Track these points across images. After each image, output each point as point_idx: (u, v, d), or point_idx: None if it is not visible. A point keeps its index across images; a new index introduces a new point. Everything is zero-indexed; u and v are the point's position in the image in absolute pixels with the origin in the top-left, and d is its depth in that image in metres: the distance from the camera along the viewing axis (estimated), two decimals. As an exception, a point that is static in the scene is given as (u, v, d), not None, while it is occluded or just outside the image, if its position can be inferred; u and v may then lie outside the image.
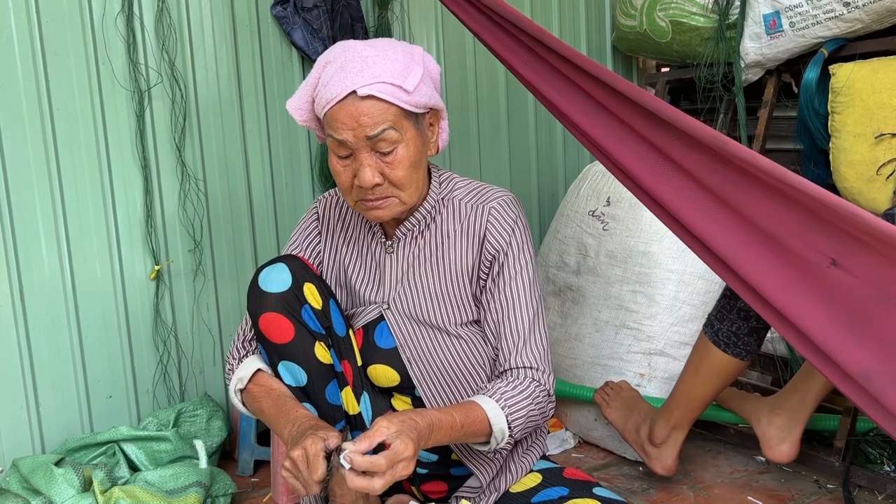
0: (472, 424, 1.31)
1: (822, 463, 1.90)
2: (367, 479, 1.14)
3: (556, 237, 2.40)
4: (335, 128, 1.34)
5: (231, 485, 1.91)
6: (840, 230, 1.15)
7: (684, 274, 2.08)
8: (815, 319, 1.19)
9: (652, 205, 1.43)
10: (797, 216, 1.20)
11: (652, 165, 1.38)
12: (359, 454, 1.14)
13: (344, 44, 1.38)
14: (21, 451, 1.97)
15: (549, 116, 2.85)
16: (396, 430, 1.17)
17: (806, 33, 2.16)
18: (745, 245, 1.27)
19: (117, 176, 2.07)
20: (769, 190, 1.22)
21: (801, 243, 1.20)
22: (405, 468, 1.16)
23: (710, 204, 1.31)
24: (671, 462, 1.85)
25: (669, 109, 1.32)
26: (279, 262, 1.44)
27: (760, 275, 1.26)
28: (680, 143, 1.33)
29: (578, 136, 1.54)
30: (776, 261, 1.24)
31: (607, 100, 1.43)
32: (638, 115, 1.38)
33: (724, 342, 1.70)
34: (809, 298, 1.20)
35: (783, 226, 1.22)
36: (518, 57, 1.61)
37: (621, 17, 2.70)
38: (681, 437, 1.84)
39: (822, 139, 2.17)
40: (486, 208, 1.47)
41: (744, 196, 1.26)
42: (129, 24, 2.03)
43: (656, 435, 1.85)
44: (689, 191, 1.33)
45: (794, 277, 1.22)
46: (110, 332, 2.09)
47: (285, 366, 1.43)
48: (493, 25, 1.65)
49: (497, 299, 1.44)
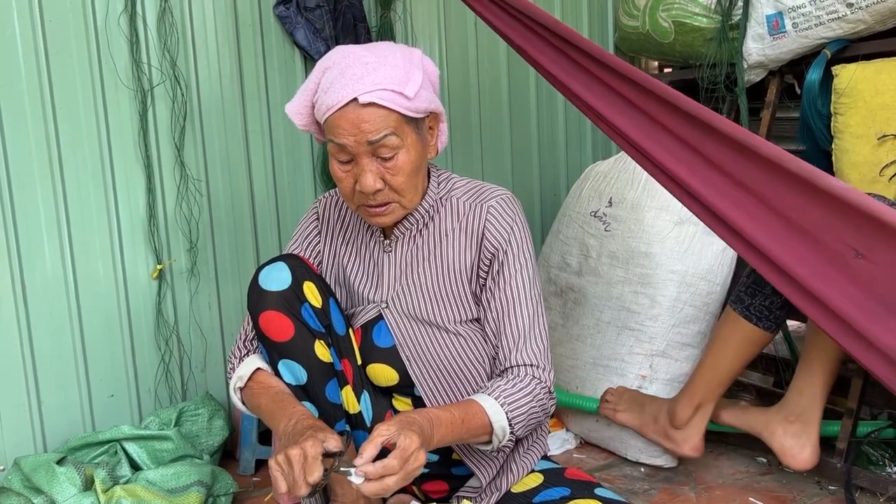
0: (473, 421, 1.31)
1: (824, 464, 1.89)
2: (381, 482, 1.13)
3: (557, 237, 2.40)
4: (336, 134, 1.34)
5: (233, 484, 1.91)
6: (862, 224, 1.23)
7: (686, 275, 2.08)
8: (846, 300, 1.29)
9: (681, 194, 1.51)
10: (821, 210, 1.29)
11: (681, 157, 1.47)
12: (369, 464, 1.13)
13: (343, 49, 1.38)
14: (23, 449, 1.97)
15: (552, 116, 2.86)
16: (396, 429, 1.17)
17: (809, 34, 2.16)
18: (774, 232, 1.36)
19: (120, 175, 2.07)
20: (795, 183, 1.31)
21: (827, 234, 1.29)
22: (416, 461, 1.15)
23: (740, 195, 1.40)
24: (699, 440, 1.86)
25: (700, 107, 1.41)
26: (279, 260, 1.45)
27: (791, 261, 1.35)
28: (710, 139, 1.41)
29: (610, 133, 1.61)
30: (805, 249, 1.33)
31: (638, 97, 1.50)
32: (667, 112, 1.46)
33: (755, 316, 1.75)
34: (837, 282, 1.29)
35: (809, 218, 1.31)
36: (546, 56, 1.67)
37: (624, 18, 2.70)
38: (707, 413, 1.86)
39: (824, 140, 2.16)
40: (485, 207, 1.47)
41: (771, 189, 1.35)
42: (132, 23, 2.04)
43: (679, 416, 1.86)
44: (720, 183, 1.42)
45: (823, 264, 1.31)
46: (112, 330, 2.09)
47: (285, 364, 1.43)
48: (520, 26, 1.70)
49: (497, 298, 1.45)
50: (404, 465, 1.14)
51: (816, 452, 1.77)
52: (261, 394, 1.42)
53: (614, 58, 1.54)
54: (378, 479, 1.13)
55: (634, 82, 1.50)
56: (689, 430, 1.87)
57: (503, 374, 1.43)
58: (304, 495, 1.15)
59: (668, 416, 1.89)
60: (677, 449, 1.89)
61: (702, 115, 1.41)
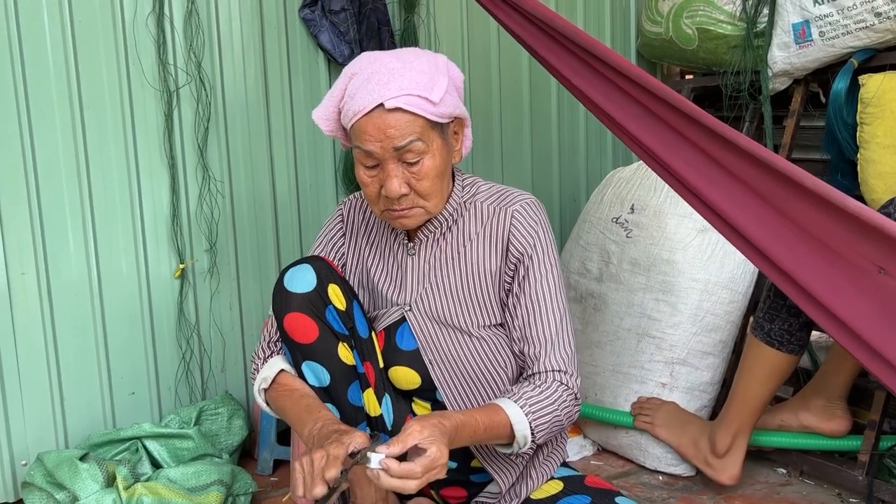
0: (495, 428, 1.31)
1: (846, 476, 1.88)
2: (399, 480, 1.14)
3: (578, 243, 2.39)
4: (362, 139, 1.35)
5: (252, 484, 1.92)
6: (883, 242, 1.23)
7: (708, 283, 2.07)
8: (865, 318, 1.28)
9: (700, 206, 1.51)
10: (843, 227, 1.28)
11: (701, 170, 1.47)
12: (395, 461, 1.14)
13: (369, 55, 1.39)
14: (45, 444, 1.99)
15: (572, 122, 2.85)
16: (429, 435, 1.17)
17: (836, 43, 2.14)
18: (794, 248, 1.36)
19: (145, 175, 2.09)
20: (815, 202, 1.30)
21: (849, 251, 1.29)
22: (438, 473, 1.16)
23: (760, 210, 1.40)
24: (738, 470, 1.87)
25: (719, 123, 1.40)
26: (304, 262, 1.45)
27: (810, 276, 1.35)
28: (730, 154, 1.41)
29: (630, 144, 1.60)
30: (825, 264, 1.32)
31: (658, 108, 1.50)
32: (687, 123, 1.46)
33: (777, 341, 1.77)
34: (858, 299, 1.28)
35: (831, 234, 1.30)
36: (568, 65, 1.66)
37: (647, 24, 2.69)
38: (744, 442, 1.87)
39: (850, 150, 2.15)
40: (509, 211, 1.47)
41: (792, 206, 1.34)
42: (159, 24, 2.06)
43: (718, 446, 1.87)
44: (741, 196, 1.42)
45: (844, 280, 1.30)
46: (134, 329, 2.11)
47: (309, 366, 1.43)
48: (542, 34, 1.70)
49: (523, 303, 1.44)
50: (426, 475, 1.15)
51: (847, 419, 1.88)
52: (285, 396, 1.42)
53: (635, 67, 1.54)
54: (397, 478, 1.14)
55: (654, 94, 1.50)
56: (729, 459, 1.87)
57: (529, 379, 1.43)
58: (318, 495, 1.14)
59: (709, 443, 1.90)
60: (715, 477, 1.90)
61: (721, 129, 1.41)
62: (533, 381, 1.40)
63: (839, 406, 1.90)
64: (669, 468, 2.03)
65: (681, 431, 1.96)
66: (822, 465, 1.94)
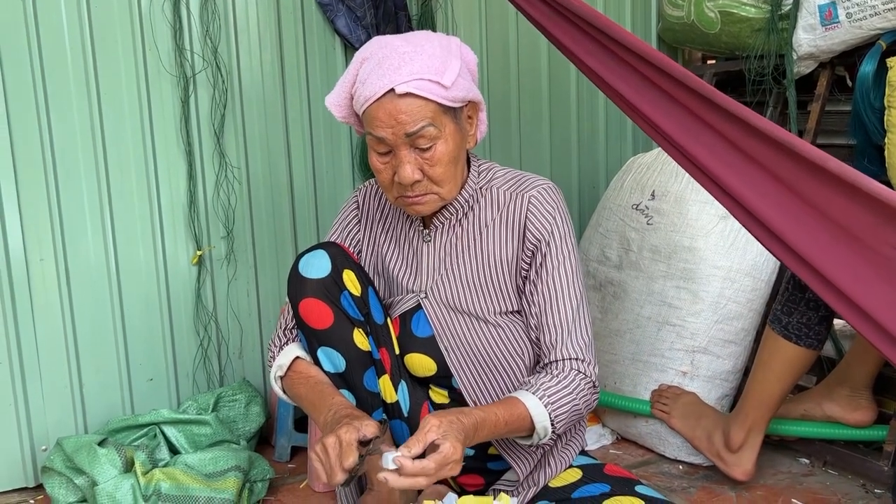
0: (516, 422, 1.31)
1: (870, 467, 1.85)
2: (412, 479, 1.13)
3: (597, 230, 2.36)
4: (374, 125, 1.33)
5: (269, 470, 1.92)
6: None
7: (731, 271, 2.03)
8: (887, 307, 1.24)
9: (719, 193, 1.47)
10: (867, 213, 1.24)
11: (721, 156, 1.43)
12: (409, 460, 1.13)
13: (380, 39, 1.37)
14: (64, 430, 2.01)
15: (592, 109, 2.81)
16: (445, 431, 1.16)
17: (863, 24, 2.09)
18: (816, 235, 1.32)
19: (162, 161, 2.09)
20: (840, 187, 1.26)
21: (874, 238, 1.25)
22: (452, 469, 1.16)
23: (782, 196, 1.36)
24: (751, 466, 1.85)
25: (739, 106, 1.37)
26: (319, 248, 1.45)
27: (832, 264, 1.30)
28: (751, 138, 1.37)
29: (646, 128, 1.57)
30: (848, 252, 1.28)
31: (679, 93, 1.46)
32: (707, 108, 1.42)
33: (795, 335, 1.73)
34: (882, 288, 1.24)
35: (856, 221, 1.26)
36: (586, 49, 1.63)
37: (668, 8, 2.64)
38: (759, 438, 1.84)
39: (877, 134, 2.10)
40: (526, 197, 1.45)
41: (814, 191, 1.30)
42: (175, 10, 2.05)
43: (733, 440, 1.85)
44: (762, 183, 1.38)
45: (867, 268, 1.26)
46: (152, 315, 2.12)
47: (324, 352, 1.43)
48: (560, 19, 1.67)
49: (540, 290, 1.42)
50: (439, 471, 1.14)
51: (872, 411, 1.86)
52: (300, 383, 1.42)
53: (656, 52, 1.50)
54: (410, 476, 1.13)
55: (674, 78, 1.47)
56: (743, 454, 1.84)
57: (546, 368, 1.41)
58: (340, 482, 1.15)
59: (724, 437, 1.87)
60: (728, 471, 1.87)
61: (742, 113, 1.37)
62: (550, 371, 1.39)
63: (864, 395, 1.86)
64: (690, 457, 2.01)
65: (695, 424, 1.94)
66: (846, 455, 1.91)
